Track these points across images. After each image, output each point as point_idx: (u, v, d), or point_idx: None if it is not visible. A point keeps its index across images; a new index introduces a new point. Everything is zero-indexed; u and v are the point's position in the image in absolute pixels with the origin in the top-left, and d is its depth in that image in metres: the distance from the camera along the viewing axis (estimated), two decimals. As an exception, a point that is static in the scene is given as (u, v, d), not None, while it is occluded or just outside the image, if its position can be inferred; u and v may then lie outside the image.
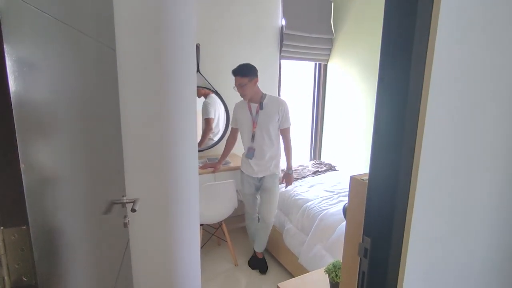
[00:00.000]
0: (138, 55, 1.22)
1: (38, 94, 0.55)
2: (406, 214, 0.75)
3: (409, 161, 0.72)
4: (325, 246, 1.93)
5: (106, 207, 1.04)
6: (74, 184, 0.74)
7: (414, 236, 0.75)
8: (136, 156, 1.30)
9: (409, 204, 0.74)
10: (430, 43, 0.66)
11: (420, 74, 0.68)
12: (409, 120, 0.70)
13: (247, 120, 2.31)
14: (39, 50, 0.56)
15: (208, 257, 2.61)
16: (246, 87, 2.20)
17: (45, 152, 0.56)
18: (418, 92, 0.68)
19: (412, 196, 0.73)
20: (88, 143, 0.86)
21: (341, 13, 3.18)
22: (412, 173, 0.72)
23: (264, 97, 2.29)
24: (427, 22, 0.66)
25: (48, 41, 0.60)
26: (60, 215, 0.62)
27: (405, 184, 0.73)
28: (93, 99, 0.90)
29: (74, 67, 0.74)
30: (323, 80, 3.49)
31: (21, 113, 0.45)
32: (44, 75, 0.58)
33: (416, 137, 0.70)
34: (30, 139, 0.49)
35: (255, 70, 2.24)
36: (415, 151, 0.71)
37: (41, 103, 0.55)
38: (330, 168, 3.06)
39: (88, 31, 0.82)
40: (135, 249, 1.38)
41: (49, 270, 0.53)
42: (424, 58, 0.67)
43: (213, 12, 2.76)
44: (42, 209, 0.51)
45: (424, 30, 0.66)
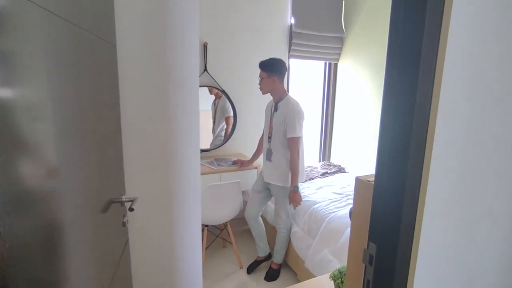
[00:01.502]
0: (139, 51, 1.20)
1: (27, 90, 0.53)
2: (415, 219, 0.68)
3: (419, 161, 0.66)
4: (332, 251, 1.87)
5: (104, 205, 1.02)
6: (69, 181, 0.73)
7: (423, 243, 0.69)
8: (136, 154, 1.27)
9: (419, 208, 0.68)
10: (441, 42, 0.60)
11: (431, 71, 0.62)
12: (418, 117, 0.64)
13: (267, 120, 2.27)
14: (31, 44, 0.55)
15: (213, 259, 2.57)
16: (262, 82, 2.14)
17: (28, 148, 0.53)
18: (429, 89, 0.62)
19: (422, 199, 0.67)
20: (86, 139, 0.84)
21: (352, 11, 3.11)
22: (422, 174, 0.66)
23: (282, 99, 2.17)
24: (437, 18, 0.60)
25: (41, 34, 0.59)
26: (45, 212, 0.59)
27: (414, 186, 0.67)
28: (92, 95, 0.88)
29: (70, 63, 0.73)
30: (333, 80, 3.42)
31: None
32: (37, 69, 0.57)
33: (427, 136, 0.64)
34: (5, 132, 0.46)
35: (279, 68, 2.13)
36: (425, 150, 0.65)
37: (29, 99, 0.54)
38: (340, 170, 2.98)
39: (84, 24, 0.80)
40: (135, 248, 1.35)
41: (24, 269, 0.49)
42: (434, 56, 0.61)
43: (221, 10, 2.73)
44: (17, 205, 0.48)
45: (435, 25, 0.60)
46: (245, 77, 2.95)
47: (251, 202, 2.39)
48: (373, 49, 2.90)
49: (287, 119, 2.08)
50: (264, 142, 2.31)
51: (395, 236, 0.71)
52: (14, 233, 0.49)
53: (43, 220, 0.60)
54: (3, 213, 0.45)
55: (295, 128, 2.07)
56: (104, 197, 1.02)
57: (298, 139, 2.10)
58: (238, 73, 2.92)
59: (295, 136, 2.08)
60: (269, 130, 2.22)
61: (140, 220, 1.33)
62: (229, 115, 2.99)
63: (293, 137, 2.08)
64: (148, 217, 1.35)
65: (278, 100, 2.17)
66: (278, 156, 2.18)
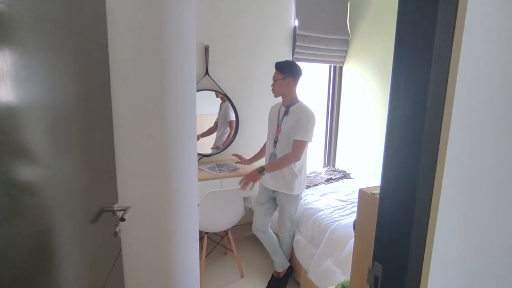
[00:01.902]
0: (132, 53, 1.15)
1: (14, 96, 0.52)
2: (426, 238, 0.61)
3: (430, 173, 0.59)
4: (336, 261, 1.79)
5: (94, 214, 0.96)
6: (57, 188, 0.70)
7: (436, 264, 0.61)
8: (130, 160, 1.22)
9: (430, 226, 0.60)
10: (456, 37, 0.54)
11: (444, 70, 0.55)
12: (429, 123, 0.57)
13: (273, 123, 2.19)
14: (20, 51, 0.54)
15: (213, 267, 2.51)
16: (276, 83, 2.07)
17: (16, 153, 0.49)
18: (441, 90, 0.55)
19: (433, 215, 0.60)
20: (75, 145, 0.80)
21: (358, 13, 3.04)
22: (434, 187, 0.59)
23: (294, 103, 2.09)
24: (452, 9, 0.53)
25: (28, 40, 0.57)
26: (34, 220, 0.55)
27: (425, 200, 0.60)
28: (82, 99, 0.84)
29: (58, 66, 0.70)
30: (338, 83, 3.35)
31: None
32: (25, 75, 0.56)
33: (439, 144, 0.57)
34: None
35: (295, 71, 2.06)
36: (437, 160, 0.58)
37: (17, 105, 0.53)
38: (345, 176, 2.90)
39: (77, 29, 0.77)
40: (128, 259, 1.29)
41: (13, 281, 0.44)
42: (448, 52, 0.54)
43: (223, 13, 2.69)
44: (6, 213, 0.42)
45: (449, 17, 0.53)
46: (248, 81, 2.90)
47: (256, 215, 2.30)
48: (380, 51, 2.83)
49: (300, 122, 2.00)
50: (267, 146, 2.23)
51: (403, 257, 0.64)
52: None
53: (28, 229, 0.57)
54: None
55: (307, 133, 2.00)
56: (94, 206, 0.97)
57: (306, 144, 2.03)
58: (240, 76, 2.87)
59: (305, 140, 2.01)
60: (275, 134, 2.14)
61: (133, 229, 1.27)
62: (232, 120, 2.94)
63: (302, 140, 2.00)
64: (142, 226, 1.30)
65: (290, 105, 2.10)
66: None
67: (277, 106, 2.24)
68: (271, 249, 2.27)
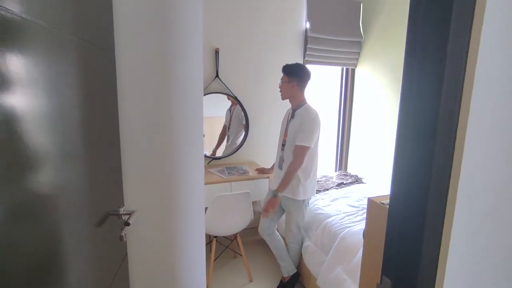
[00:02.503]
0: (138, 58, 1.15)
1: (24, 102, 0.54)
2: (439, 254, 0.57)
3: (444, 184, 0.55)
4: (346, 269, 1.73)
5: (100, 218, 0.96)
6: (63, 192, 0.71)
7: (449, 282, 0.57)
8: (135, 165, 1.21)
9: (443, 241, 0.56)
10: (473, 36, 0.50)
11: (459, 71, 0.51)
12: (443, 132, 0.53)
13: (282, 126, 2.20)
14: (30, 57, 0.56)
15: (222, 271, 2.49)
16: (282, 86, 2.06)
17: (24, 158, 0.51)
18: (457, 94, 0.51)
19: (447, 230, 0.56)
20: (81, 148, 0.81)
21: (371, 14, 2.98)
22: (448, 199, 0.55)
23: (300, 106, 2.06)
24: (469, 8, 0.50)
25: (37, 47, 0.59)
26: (26, 224, 0.55)
27: (438, 213, 0.56)
28: (89, 104, 0.84)
29: (66, 72, 0.71)
30: (351, 86, 3.28)
31: None
32: (33, 81, 0.57)
33: (454, 151, 0.53)
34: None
35: (300, 74, 2.04)
36: (452, 171, 0.54)
37: (26, 110, 0.55)
38: (356, 181, 2.83)
39: (83, 35, 0.78)
40: (134, 263, 1.29)
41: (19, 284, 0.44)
42: (464, 52, 0.51)
43: (232, 16, 2.68)
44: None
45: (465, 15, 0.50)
46: (258, 84, 2.88)
47: (263, 217, 2.28)
48: (393, 54, 2.75)
49: (302, 126, 1.96)
50: (277, 149, 2.22)
51: (413, 272, 0.60)
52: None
53: (37, 231, 0.59)
54: None
55: (306, 137, 1.94)
56: (100, 210, 0.97)
57: (306, 149, 1.96)
58: (250, 79, 2.85)
59: (304, 145, 1.95)
60: (283, 137, 2.14)
61: (139, 233, 1.27)
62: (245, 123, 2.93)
63: (302, 145, 1.95)
64: (148, 230, 1.29)
65: (296, 108, 2.08)
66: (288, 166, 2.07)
67: (289, 110, 2.23)
68: (277, 253, 2.24)
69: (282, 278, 2.26)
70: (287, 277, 2.23)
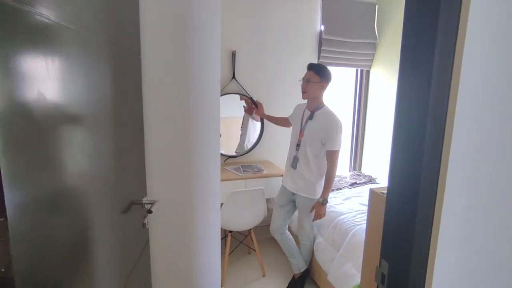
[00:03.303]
0: (162, 60, 1.25)
1: (58, 98, 0.60)
2: (430, 237, 0.63)
3: (434, 174, 0.60)
4: (356, 265, 1.78)
5: (125, 206, 1.07)
6: (95, 182, 0.79)
7: (440, 263, 0.63)
8: (158, 159, 1.32)
9: (434, 225, 0.62)
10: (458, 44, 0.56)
11: (446, 73, 0.57)
12: (433, 127, 0.59)
13: (296, 125, 2.20)
14: (66, 58, 0.63)
15: (236, 265, 2.57)
16: (311, 85, 2.04)
17: (45, 150, 0.58)
18: (445, 88, 0.57)
19: (437, 214, 0.62)
20: (112, 143, 0.90)
21: (386, 16, 2.99)
22: (438, 187, 0.61)
23: (319, 108, 2.09)
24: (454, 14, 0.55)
25: (72, 49, 0.67)
26: (62, 210, 0.64)
27: (429, 201, 0.62)
28: (115, 101, 0.94)
29: (97, 72, 0.80)
30: (365, 87, 3.30)
31: (4, 113, 0.46)
32: (68, 80, 0.64)
33: (443, 145, 0.59)
34: (19, 134, 0.50)
35: (329, 77, 2.07)
36: (441, 162, 0.60)
37: (60, 105, 0.61)
38: (370, 181, 2.85)
39: (114, 39, 0.88)
40: (155, 249, 1.39)
41: (30, 264, 0.53)
42: (451, 57, 0.57)
43: (249, 19, 2.77)
44: (24, 203, 0.51)
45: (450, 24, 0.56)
46: (273, 85, 2.96)
47: (275, 216, 2.34)
48: (408, 54, 2.76)
49: (327, 132, 2.01)
50: (290, 147, 2.25)
51: (408, 255, 0.66)
52: (40, 231, 0.55)
53: (71, 218, 0.66)
54: (30, 212, 0.51)
55: (336, 141, 2.02)
56: (126, 198, 1.07)
57: (338, 152, 2.05)
58: (266, 80, 2.93)
59: (337, 150, 2.04)
60: (298, 137, 2.15)
61: (160, 223, 1.37)
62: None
63: (333, 150, 2.03)
64: (168, 220, 1.39)
65: (315, 109, 2.10)
66: (304, 166, 2.12)
67: (301, 107, 2.23)
68: (288, 251, 2.30)
69: (294, 274, 2.32)
70: (297, 274, 2.29)
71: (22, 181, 0.51)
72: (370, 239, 0.83)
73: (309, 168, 2.10)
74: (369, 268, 0.85)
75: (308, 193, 2.12)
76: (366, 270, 0.86)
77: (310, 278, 2.35)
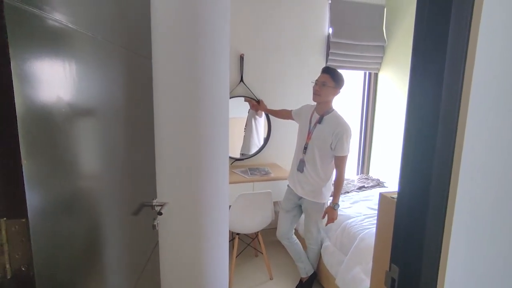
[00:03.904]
0: (172, 64, 1.27)
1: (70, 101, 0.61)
2: (441, 242, 0.63)
3: (445, 176, 0.60)
4: (365, 269, 1.76)
5: (135, 208, 1.08)
6: (107, 184, 0.81)
7: (452, 268, 0.63)
8: (168, 161, 1.34)
9: (446, 230, 0.62)
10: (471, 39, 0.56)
11: (458, 79, 0.57)
12: (444, 131, 0.59)
13: (304, 127, 2.19)
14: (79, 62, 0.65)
15: (243, 268, 2.58)
16: (326, 88, 2.03)
17: (62, 153, 0.59)
18: (456, 92, 0.58)
19: (449, 220, 0.61)
20: (123, 145, 0.92)
21: (395, 18, 2.98)
22: (450, 192, 0.61)
23: (329, 112, 2.09)
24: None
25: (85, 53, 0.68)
26: (76, 211, 0.65)
27: (440, 206, 0.62)
28: (127, 104, 0.96)
29: (110, 76, 0.82)
30: (373, 90, 3.28)
31: (26, 116, 0.48)
32: (80, 82, 0.66)
33: (454, 148, 0.59)
34: (39, 139, 0.52)
35: (343, 84, 2.09)
36: (452, 166, 0.60)
37: (72, 109, 0.62)
38: (378, 184, 2.83)
39: (127, 45, 0.91)
40: (164, 251, 1.41)
41: (48, 263, 0.55)
42: (462, 62, 0.57)
43: (257, 22, 2.79)
44: (47, 204, 0.53)
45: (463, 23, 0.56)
46: (281, 88, 2.97)
47: (281, 221, 2.33)
48: (417, 57, 2.74)
49: (337, 137, 2.01)
50: (297, 150, 2.24)
51: (419, 260, 0.66)
52: (57, 231, 0.57)
53: (75, 221, 0.67)
54: (49, 213, 0.52)
55: (344, 147, 2.03)
56: (136, 200, 1.09)
57: (346, 157, 2.06)
58: (273, 83, 2.94)
59: (345, 155, 2.05)
60: (306, 140, 2.14)
61: (169, 225, 1.39)
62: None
63: (342, 156, 2.04)
64: (177, 222, 1.41)
65: (325, 113, 2.09)
66: (311, 170, 2.11)
67: (309, 108, 2.22)
68: (295, 256, 2.30)
69: (302, 277, 2.31)
70: (304, 277, 2.28)
71: (42, 183, 0.53)
72: (379, 244, 0.83)
73: (316, 172, 2.10)
74: (379, 273, 0.84)
75: (315, 197, 2.11)
76: (375, 275, 0.86)
77: (318, 282, 2.34)
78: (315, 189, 2.10)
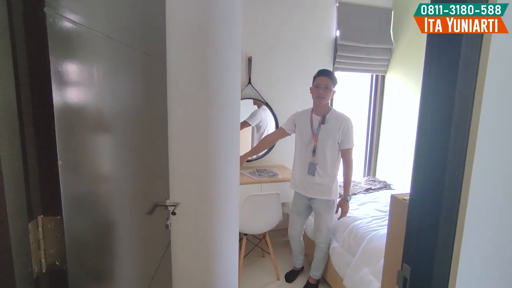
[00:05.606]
0: (185, 68, 1.31)
1: (87, 103, 0.63)
2: (453, 242, 0.65)
3: (458, 178, 0.62)
4: (373, 271, 1.78)
5: (150, 208, 1.12)
6: (122, 185, 0.83)
7: (464, 268, 0.65)
8: (181, 163, 1.37)
9: (458, 230, 0.64)
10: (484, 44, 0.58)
11: (471, 79, 0.59)
12: (456, 131, 0.61)
13: (305, 133, 2.21)
14: (95, 65, 0.66)
15: (251, 268, 2.60)
16: (329, 92, 2.11)
17: (88, 154, 0.63)
18: (470, 91, 0.60)
19: (461, 220, 0.63)
20: (138, 147, 0.95)
21: (402, 21, 2.99)
22: (462, 191, 0.63)
23: (328, 111, 2.16)
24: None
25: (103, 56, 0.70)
26: (98, 210, 0.69)
27: (452, 208, 0.64)
28: (143, 107, 0.99)
29: (128, 79, 0.85)
30: (380, 92, 3.29)
31: (63, 118, 0.51)
32: (97, 86, 0.67)
33: (467, 151, 0.61)
34: (70, 140, 0.55)
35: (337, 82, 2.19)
36: (465, 166, 0.62)
37: (89, 111, 0.64)
38: (385, 186, 2.83)
39: (146, 50, 0.94)
40: (176, 250, 1.44)
41: (79, 258, 0.58)
42: (476, 62, 0.59)
43: (265, 25, 2.82)
44: (76, 203, 0.56)
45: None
46: (289, 90, 2.99)
47: (295, 223, 2.37)
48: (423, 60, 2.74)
49: (344, 131, 2.09)
50: (302, 155, 2.24)
51: (430, 259, 0.68)
52: (86, 228, 0.60)
53: (98, 219, 0.69)
54: (79, 211, 0.55)
55: (351, 139, 2.12)
56: (150, 200, 1.12)
57: (352, 149, 2.15)
58: (281, 85, 2.97)
59: (352, 147, 2.14)
60: (314, 143, 2.16)
61: (182, 224, 1.42)
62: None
63: (349, 148, 2.13)
64: (189, 222, 1.44)
65: (325, 113, 2.15)
66: (322, 170, 2.14)
67: (304, 114, 2.25)
68: (300, 250, 2.47)
69: (309, 278, 2.33)
70: (299, 268, 2.40)
71: (73, 183, 0.56)
72: (391, 244, 0.85)
73: (326, 172, 2.14)
74: (390, 272, 0.86)
75: (327, 195, 2.17)
76: (387, 274, 0.88)
77: (326, 282, 2.36)
78: (326, 188, 2.15)
